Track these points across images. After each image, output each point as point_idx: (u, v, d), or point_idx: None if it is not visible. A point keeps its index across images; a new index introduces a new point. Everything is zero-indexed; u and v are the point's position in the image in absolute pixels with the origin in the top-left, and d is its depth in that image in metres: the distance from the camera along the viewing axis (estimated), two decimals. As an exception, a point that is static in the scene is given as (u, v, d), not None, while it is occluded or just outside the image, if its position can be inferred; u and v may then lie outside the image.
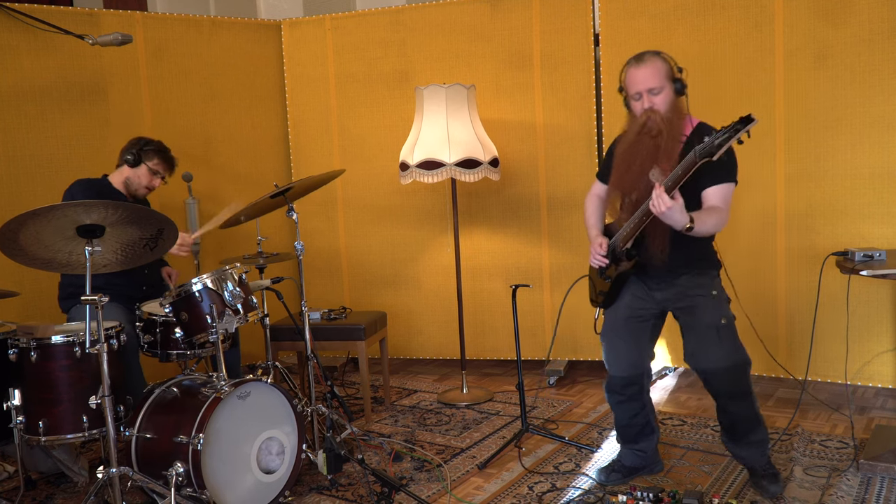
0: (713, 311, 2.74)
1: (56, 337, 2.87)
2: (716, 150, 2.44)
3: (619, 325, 2.93)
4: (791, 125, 3.80)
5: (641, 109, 2.74)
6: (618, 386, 2.95)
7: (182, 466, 2.66)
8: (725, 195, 2.71)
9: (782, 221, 3.88)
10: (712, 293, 2.77)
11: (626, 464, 3.03)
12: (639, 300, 2.89)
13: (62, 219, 2.50)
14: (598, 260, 2.89)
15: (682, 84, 2.73)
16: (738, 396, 2.78)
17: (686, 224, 2.59)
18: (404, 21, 4.56)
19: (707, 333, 2.73)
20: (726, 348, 2.73)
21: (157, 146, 3.57)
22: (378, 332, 4.02)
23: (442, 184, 4.32)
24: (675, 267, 2.78)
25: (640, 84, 2.72)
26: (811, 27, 3.71)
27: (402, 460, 3.34)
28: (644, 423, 2.99)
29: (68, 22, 4.07)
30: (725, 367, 2.72)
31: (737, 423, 2.83)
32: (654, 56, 2.73)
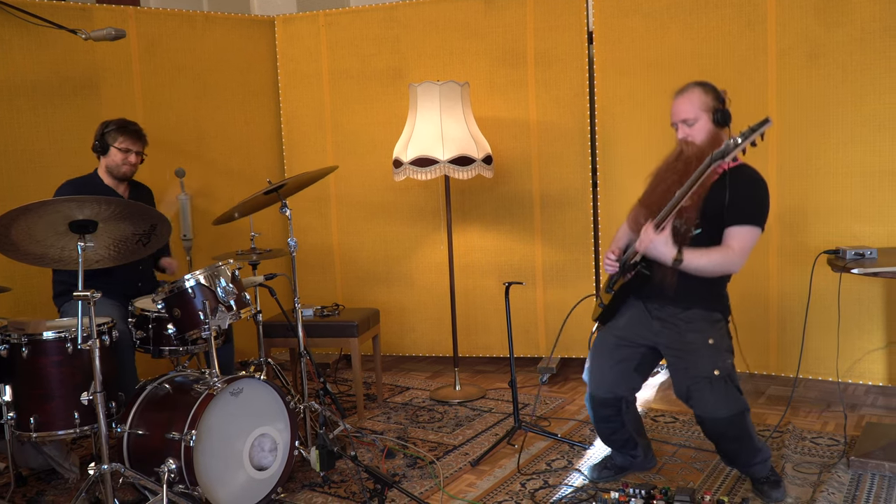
0: (707, 360, 2.66)
1: (48, 333, 2.85)
2: (731, 149, 2.47)
3: (608, 345, 2.89)
4: (783, 123, 3.81)
5: (679, 137, 2.75)
6: (592, 404, 2.92)
7: (174, 463, 2.65)
8: (743, 237, 2.64)
9: (774, 219, 3.89)
10: (708, 341, 2.69)
11: (617, 463, 3.05)
12: (635, 324, 2.84)
13: (54, 214, 2.49)
14: (609, 264, 2.86)
15: (722, 115, 2.68)
16: (732, 440, 2.71)
17: (672, 257, 2.60)
18: (398, 17, 4.55)
19: (700, 384, 2.65)
20: (718, 398, 2.63)
21: (117, 124, 3.49)
22: (371, 329, 4.02)
23: (435, 181, 4.32)
24: (680, 297, 2.73)
25: (676, 115, 2.74)
26: (803, 26, 3.72)
27: (394, 457, 3.34)
28: (625, 438, 2.96)
29: (61, 16, 4.05)
30: (722, 417, 2.65)
31: (734, 458, 2.80)
32: (695, 87, 2.73)
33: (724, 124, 2.69)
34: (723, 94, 2.74)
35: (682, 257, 2.60)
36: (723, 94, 2.74)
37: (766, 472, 2.81)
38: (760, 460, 2.78)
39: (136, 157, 3.52)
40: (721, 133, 2.70)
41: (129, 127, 3.50)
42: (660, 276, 2.71)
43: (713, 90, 2.73)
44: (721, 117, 2.69)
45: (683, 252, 2.61)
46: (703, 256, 2.63)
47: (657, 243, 2.61)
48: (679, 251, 2.61)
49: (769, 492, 2.77)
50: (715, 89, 2.73)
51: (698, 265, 2.62)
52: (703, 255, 2.63)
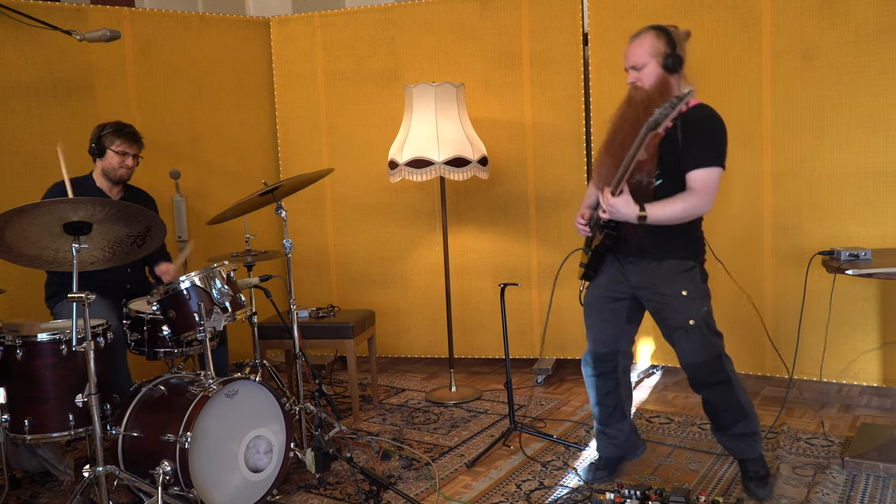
0: (682, 312, 2.74)
1: (42, 335, 2.85)
2: (660, 121, 2.43)
3: (595, 301, 2.95)
4: (778, 125, 3.82)
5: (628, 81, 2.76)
6: (591, 360, 2.99)
7: (169, 465, 2.65)
8: (706, 179, 2.63)
9: (769, 221, 3.90)
10: (682, 293, 2.74)
11: (606, 456, 3.05)
12: (614, 281, 2.89)
13: (49, 216, 2.48)
14: (581, 228, 2.91)
15: (673, 59, 2.66)
16: (714, 386, 2.79)
17: (636, 214, 2.61)
18: (393, 19, 4.55)
19: (676, 334, 2.77)
20: (695, 346, 2.74)
21: (114, 126, 3.49)
22: (366, 331, 4.01)
23: (431, 182, 4.32)
24: (651, 250, 2.75)
25: (626, 60, 2.75)
26: (798, 28, 3.73)
27: (390, 459, 3.34)
28: (615, 404, 2.99)
29: (56, 17, 4.04)
30: (698, 363, 2.76)
31: (718, 412, 2.83)
32: (649, 31, 2.71)
33: (675, 69, 2.67)
34: (683, 34, 2.72)
35: (646, 213, 2.61)
36: (678, 38, 2.70)
37: (753, 456, 2.84)
38: (745, 431, 2.81)
39: (132, 160, 3.51)
40: (671, 78, 2.69)
41: (126, 129, 3.50)
42: (628, 233, 2.74)
43: (666, 34, 2.70)
44: (671, 62, 2.66)
45: (647, 208, 2.61)
46: (668, 207, 2.63)
47: (618, 206, 2.62)
48: (641, 208, 2.61)
49: (754, 489, 2.80)
50: (669, 34, 2.70)
51: (665, 216, 2.63)
52: (668, 205, 2.63)
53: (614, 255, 2.88)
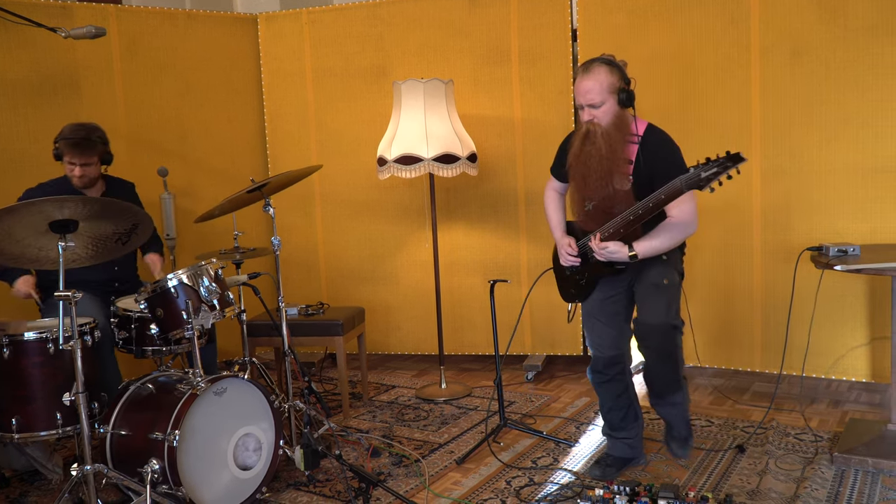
0: (659, 270, 2.83)
1: (29, 333, 2.83)
2: (704, 182, 2.46)
3: (595, 308, 3.02)
4: (767, 121, 3.83)
5: (584, 119, 2.82)
6: (601, 366, 3.03)
7: (158, 463, 2.64)
8: (684, 209, 2.73)
9: (758, 217, 3.91)
10: (662, 258, 2.84)
11: (616, 455, 3.07)
12: (609, 284, 2.98)
13: (36, 215, 2.46)
14: (571, 260, 2.97)
15: (627, 95, 2.74)
16: (663, 357, 2.88)
17: (627, 255, 2.73)
18: (382, 15, 4.54)
19: (648, 290, 2.85)
20: (661, 306, 2.82)
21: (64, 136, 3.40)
22: (356, 328, 4.00)
23: (420, 179, 4.31)
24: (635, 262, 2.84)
25: (582, 97, 2.77)
26: (787, 23, 3.74)
27: (380, 456, 3.33)
28: (628, 405, 3.06)
29: (41, 14, 4.01)
30: (656, 324, 2.82)
31: (658, 383, 2.96)
32: (601, 66, 2.75)
33: (629, 104, 2.76)
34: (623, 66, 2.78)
35: (635, 252, 2.74)
36: (624, 70, 2.77)
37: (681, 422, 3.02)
38: (678, 401, 2.98)
39: (80, 170, 3.41)
40: (625, 113, 2.77)
41: (72, 139, 3.38)
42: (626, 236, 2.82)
43: (618, 69, 2.76)
44: (626, 97, 2.74)
45: (635, 246, 2.74)
46: (656, 240, 2.76)
47: (610, 251, 2.76)
48: (630, 248, 2.73)
49: (675, 448, 3.03)
50: (620, 68, 2.76)
51: (654, 249, 2.77)
52: (655, 238, 2.76)
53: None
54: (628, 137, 2.76)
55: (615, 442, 3.09)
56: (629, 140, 2.76)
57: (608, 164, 2.75)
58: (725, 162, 2.42)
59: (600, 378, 3.06)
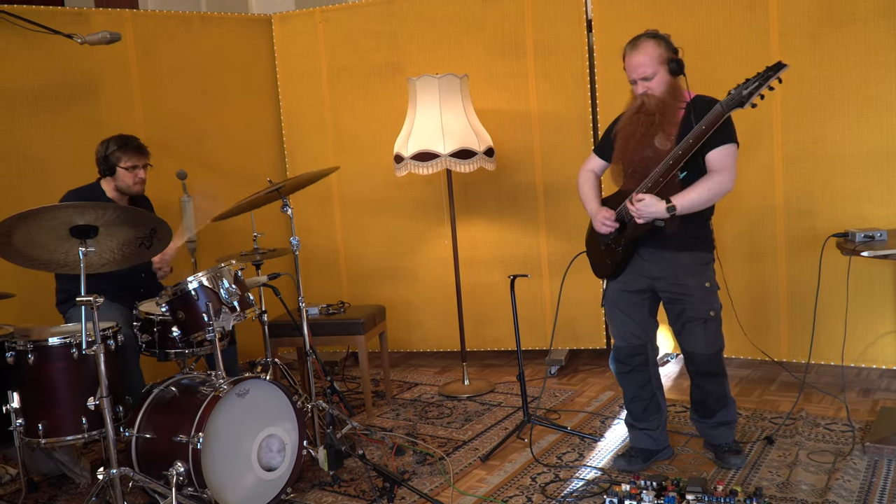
0: (704, 303, 2.85)
1: (53, 339, 2.85)
2: (746, 98, 2.57)
3: (616, 297, 3.00)
4: (787, 106, 3.77)
5: (638, 93, 2.85)
6: (622, 355, 3.01)
7: (182, 466, 2.64)
8: (723, 157, 2.75)
9: (781, 204, 3.85)
10: (705, 284, 2.84)
11: (640, 447, 3.04)
12: (633, 275, 2.94)
13: (54, 220, 2.48)
14: (609, 225, 2.92)
15: (677, 64, 2.78)
16: (712, 376, 2.94)
17: (664, 208, 2.70)
18: (395, 12, 4.52)
19: (692, 325, 2.88)
20: (710, 337, 2.88)
21: (118, 143, 3.44)
22: (377, 326, 4.00)
23: (437, 175, 4.29)
24: (669, 242, 2.82)
25: (634, 72, 2.83)
26: (805, 7, 3.67)
27: (403, 454, 3.32)
28: (650, 396, 3.02)
29: (58, 21, 4.03)
30: (709, 354, 2.89)
31: (709, 400, 2.97)
32: (648, 40, 2.81)
33: (679, 73, 2.79)
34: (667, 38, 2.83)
35: (673, 204, 2.71)
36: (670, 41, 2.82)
37: (730, 439, 2.99)
38: (727, 420, 2.98)
39: (144, 172, 3.49)
40: (676, 81, 2.80)
41: (131, 143, 3.45)
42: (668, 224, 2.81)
43: (665, 41, 2.81)
44: (676, 66, 2.78)
45: (673, 199, 2.72)
46: (693, 192, 2.74)
47: (647, 203, 2.73)
48: (668, 200, 2.71)
49: (729, 458, 2.94)
50: (666, 39, 2.82)
51: (692, 202, 2.74)
52: (692, 190, 2.74)
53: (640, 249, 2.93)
54: (680, 104, 2.80)
55: (637, 433, 3.06)
56: (680, 106, 2.80)
57: (657, 128, 2.76)
58: (766, 72, 2.55)
59: (622, 368, 3.03)
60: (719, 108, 2.62)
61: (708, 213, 2.89)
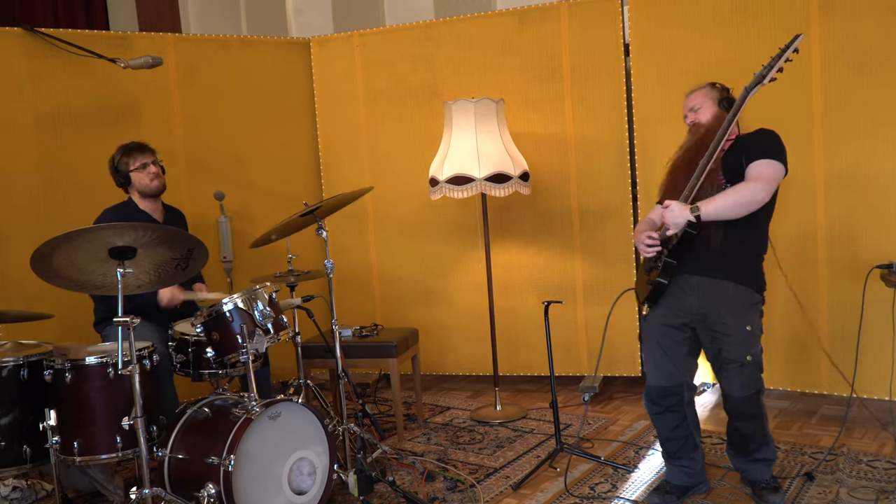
0: (742, 346, 2.75)
1: (90, 358, 2.88)
2: (767, 72, 2.68)
3: (656, 331, 2.91)
4: (830, 133, 3.70)
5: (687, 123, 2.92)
6: (655, 395, 2.92)
7: (214, 488, 2.65)
8: (762, 169, 2.70)
9: (823, 232, 3.77)
10: (746, 327, 2.75)
11: (675, 483, 2.97)
12: (673, 308, 2.86)
13: (93, 242, 2.52)
14: (652, 243, 2.84)
15: (728, 101, 2.83)
16: (749, 418, 2.85)
17: (688, 210, 2.66)
18: (432, 36, 4.55)
19: (728, 366, 2.79)
20: (746, 381, 2.78)
21: (120, 151, 3.54)
22: (410, 349, 3.99)
23: (472, 199, 4.28)
24: (718, 271, 2.76)
25: (685, 108, 2.92)
26: (850, 33, 3.62)
27: (434, 480, 3.30)
28: (685, 436, 2.93)
29: (102, 46, 4.13)
30: (744, 397, 2.80)
31: (746, 441, 2.89)
32: (706, 86, 2.94)
33: (730, 108, 2.80)
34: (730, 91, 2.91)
35: (696, 206, 2.67)
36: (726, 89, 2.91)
37: (767, 476, 2.89)
38: (765, 457, 2.88)
39: (155, 167, 3.54)
40: (723, 114, 2.82)
41: (132, 145, 3.54)
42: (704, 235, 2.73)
43: (721, 88, 2.91)
44: (727, 103, 2.84)
45: (699, 205, 2.67)
46: (720, 197, 2.68)
47: (672, 209, 2.69)
48: (692, 204, 2.68)
49: (768, 496, 2.83)
50: (723, 87, 2.92)
51: (718, 207, 2.66)
52: (720, 196, 2.69)
53: (676, 276, 2.85)
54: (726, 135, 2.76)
55: (674, 469, 2.99)
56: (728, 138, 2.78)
57: (701, 153, 2.75)
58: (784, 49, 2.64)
59: (655, 409, 2.94)
60: (743, 93, 2.69)
61: (760, 248, 2.82)
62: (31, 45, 4.03)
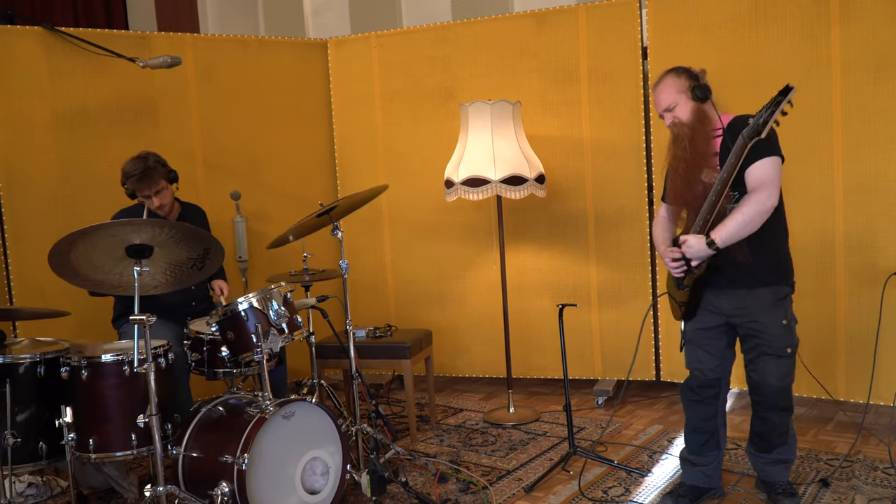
0: (780, 340, 2.76)
1: (106, 356, 2.91)
2: (762, 127, 2.51)
3: (693, 335, 2.93)
4: (848, 138, 3.67)
5: (668, 125, 2.84)
6: (695, 384, 2.92)
7: (227, 486, 2.67)
8: (762, 172, 2.65)
9: (841, 238, 3.74)
10: (782, 322, 2.75)
11: (690, 483, 2.95)
12: (706, 313, 2.87)
13: (111, 238, 2.54)
14: (677, 265, 2.82)
15: (701, 90, 2.73)
16: (780, 409, 2.83)
17: (706, 244, 2.64)
18: (450, 38, 4.55)
19: (766, 358, 2.78)
20: (784, 370, 2.78)
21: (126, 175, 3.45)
22: (423, 350, 3.99)
23: (487, 201, 4.28)
24: (740, 279, 2.74)
25: (658, 106, 2.85)
26: (870, 37, 3.58)
27: (447, 482, 3.29)
28: (713, 430, 2.93)
29: (122, 45, 4.16)
30: (781, 387, 2.79)
31: (771, 434, 2.85)
32: (666, 76, 2.84)
33: (705, 98, 2.73)
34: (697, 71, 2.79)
35: (712, 239, 2.64)
36: (696, 71, 2.79)
37: (784, 478, 2.88)
38: (785, 456, 2.87)
39: (158, 198, 3.47)
40: (704, 107, 2.75)
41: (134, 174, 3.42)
42: (730, 258, 2.70)
43: (685, 71, 2.80)
44: (700, 92, 2.72)
45: (711, 235, 2.65)
46: (730, 222, 2.65)
47: (690, 245, 2.68)
48: (707, 236, 2.65)
49: (783, 500, 2.82)
50: (687, 70, 2.80)
51: (730, 233, 2.64)
52: (730, 220, 2.65)
53: (709, 288, 2.84)
54: (713, 131, 2.74)
55: (690, 469, 2.97)
56: (715, 134, 2.74)
57: (695, 159, 2.72)
58: (777, 98, 2.50)
59: (692, 396, 2.94)
60: (740, 141, 2.56)
61: (781, 242, 2.80)
62: (51, 44, 4.06)
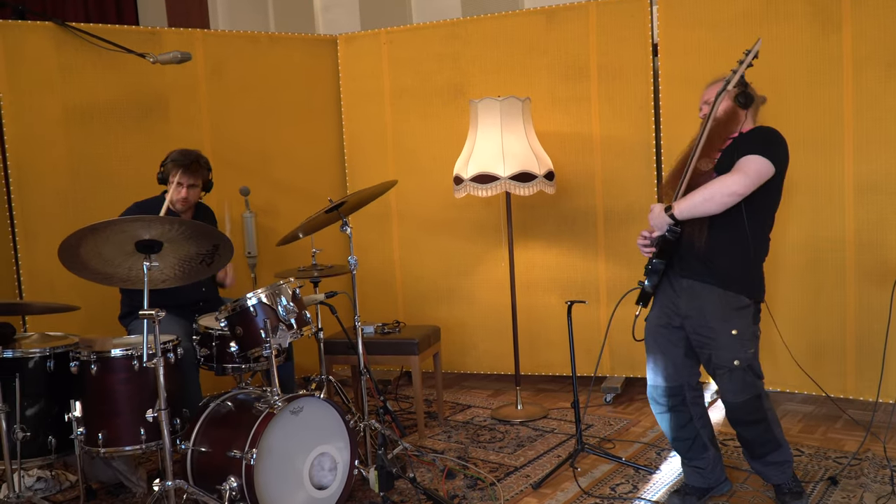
0: (727, 351, 2.70)
1: (115, 350, 2.92)
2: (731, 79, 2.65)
3: (652, 330, 2.91)
4: (860, 135, 3.65)
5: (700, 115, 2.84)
6: (656, 395, 2.91)
7: (235, 481, 2.68)
8: (746, 161, 2.61)
9: (851, 235, 3.72)
10: (732, 332, 2.69)
11: (692, 484, 2.95)
12: (666, 307, 2.85)
13: (121, 234, 2.55)
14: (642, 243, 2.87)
15: (745, 97, 2.71)
16: (749, 424, 2.78)
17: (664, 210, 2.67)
18: (459, 34, 4.54)
19: (717, 372, 2.76)
20: (737, 386, 2.73)
21: (174, 156, 3.48)
22: (432, 347, 3.99)
23: (496, 197, 4.28)
24: (704, 274, 2.71)
25: (702, 98, 2.85)
26: (882, 34, 3.56)
27: (454, 478, 3.30)
28: (693, 437, 2.89)
29: (132, 41, 4.17)
30: (738, 402, 2.75)
31: (753, 446, 2.83)
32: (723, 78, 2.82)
33: (746, 106, 2.72)
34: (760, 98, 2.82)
35: (670, 206, 2.66)
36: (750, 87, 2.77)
37: (786, 479, 2.83)
38: (778, 460, 2.81)
39: (186, 191, 3.49)
40: (739, 112, 2.74)
41: (183, 160, 3.46)
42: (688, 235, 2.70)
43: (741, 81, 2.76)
44: (743, 99, 2.71)
45: (673, 204, 2.66)
46: (692, 194, 2.65)
47: (654, 212, 2.72)
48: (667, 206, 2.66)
49: (791, 501, 2.79)
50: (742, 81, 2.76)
51: (690, 204, 2.64)
52: (692, 194, 2.65)
53: (668, 276, 2.83)
54: (731, 132, 2.73)
55: (688, 470, 2.97)
56: (730, 135, 2.74)
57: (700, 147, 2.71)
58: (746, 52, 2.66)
59: (659, 408, 2.92)
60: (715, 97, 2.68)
61: (753, 253, 2.71)
62: (62, 40, 4.08)
